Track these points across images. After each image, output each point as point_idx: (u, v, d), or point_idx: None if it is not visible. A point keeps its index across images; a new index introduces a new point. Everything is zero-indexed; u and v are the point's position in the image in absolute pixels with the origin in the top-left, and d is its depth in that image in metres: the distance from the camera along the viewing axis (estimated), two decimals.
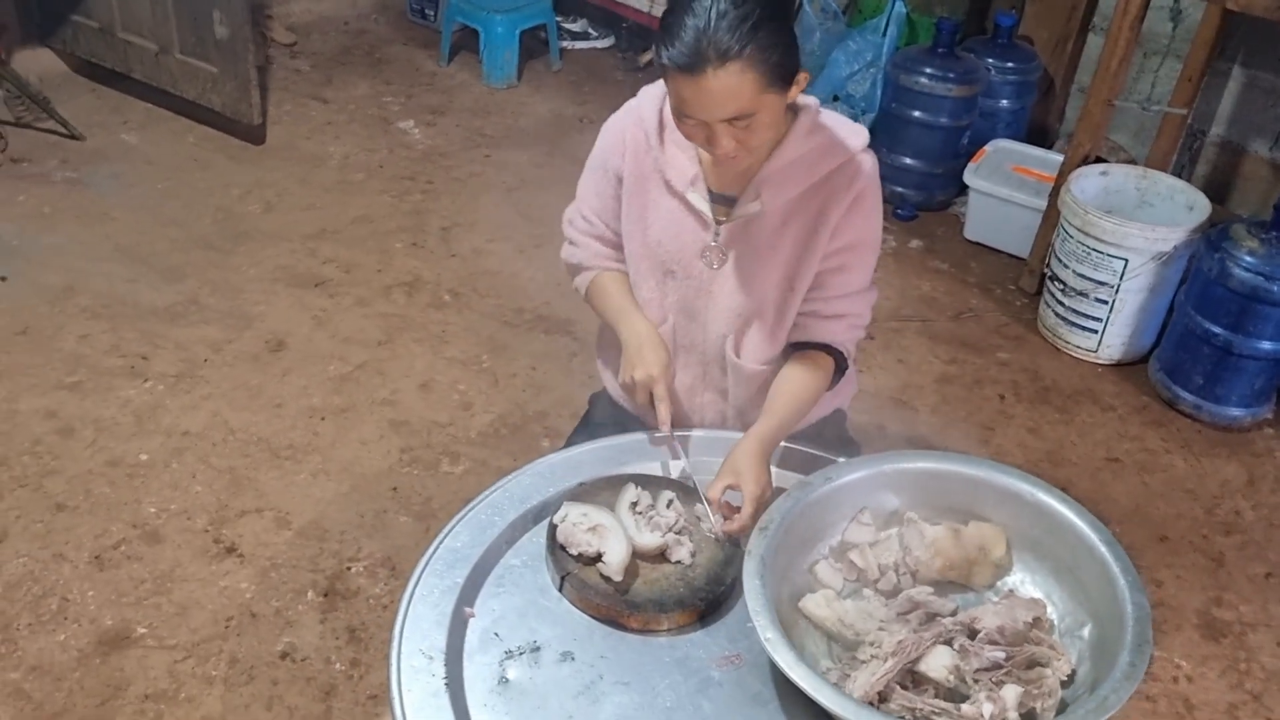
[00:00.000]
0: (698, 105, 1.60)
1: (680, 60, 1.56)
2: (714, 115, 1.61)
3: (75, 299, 3.27)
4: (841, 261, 1.85)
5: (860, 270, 1.88)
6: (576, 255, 1.98)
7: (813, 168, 1.78)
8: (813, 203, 1.80)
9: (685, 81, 1.58)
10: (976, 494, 1.77)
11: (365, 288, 3.45)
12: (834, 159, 1.78)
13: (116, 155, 4.04)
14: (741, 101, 1.59)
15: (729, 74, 1.56)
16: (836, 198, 1.79)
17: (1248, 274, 2.97)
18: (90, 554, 2.49)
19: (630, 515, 1.72)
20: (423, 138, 4.37)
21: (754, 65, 1.57)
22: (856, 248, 1.85)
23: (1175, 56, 3.94)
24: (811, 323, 1.89)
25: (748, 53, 1.56)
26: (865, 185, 1.81)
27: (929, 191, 4.11)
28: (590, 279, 1.98)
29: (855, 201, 1.80)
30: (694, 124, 1.64)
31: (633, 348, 1.87)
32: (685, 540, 1.71)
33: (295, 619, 2.38)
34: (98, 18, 4.23)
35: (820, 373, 1.88)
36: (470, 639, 1.59)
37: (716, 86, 1.57)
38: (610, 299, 1.94)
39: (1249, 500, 2.95)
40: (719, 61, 1.55)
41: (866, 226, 1.84)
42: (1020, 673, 1.55)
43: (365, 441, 2.87)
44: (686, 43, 1.55)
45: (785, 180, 1.78)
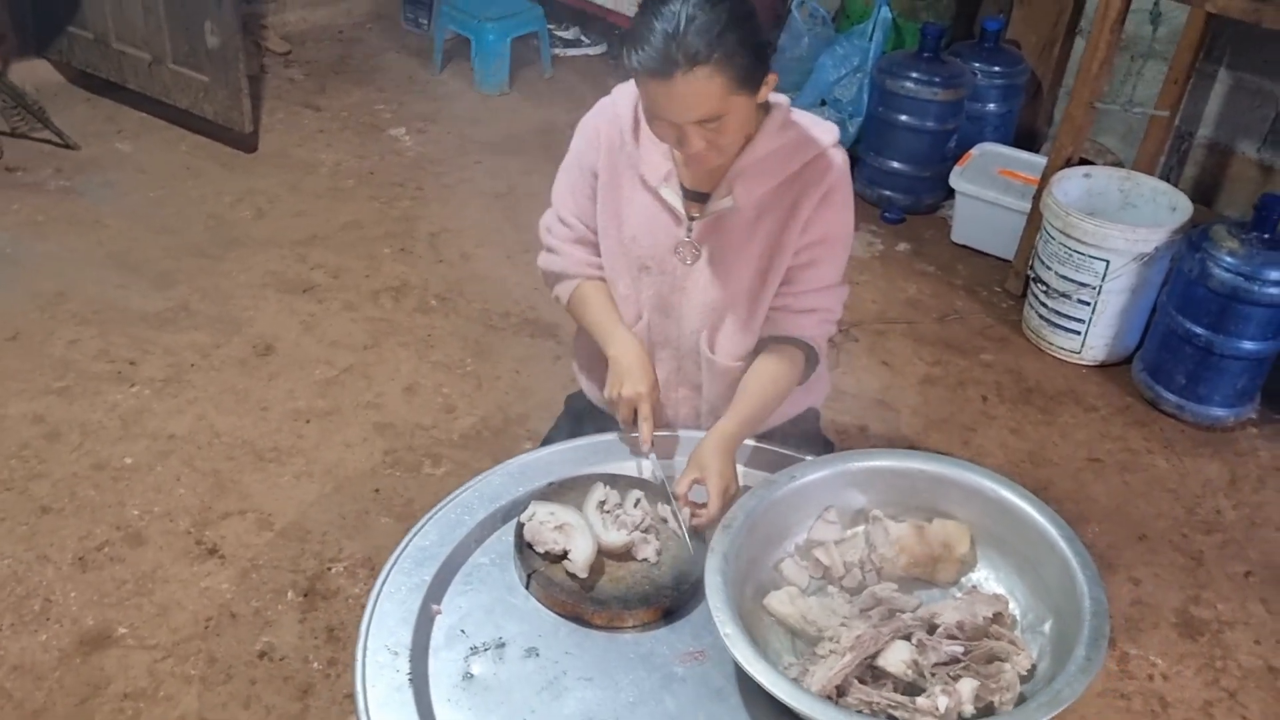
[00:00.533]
0: (668, 108, 1.63)
1: (650, 64, 1.59)
2: (684, 118, 1.64)
3: (66, 305, 3.31)
4: (812, 256, 1.87)
5: (831, 265, 1.91)
6: (557, 263, 1.99)
7: (784, 163, 1.81)
8: (784, 198, 1.82)
9: (655, 85, 1.61)
10: (941, 491, 1.79)
11: (353, 293, 3.48)
12: (805, 155, 1.81)
13: (110, 164, 4.08)
14: (711, 104, 1.62)
15: (698, 78, 1.59)
16: (807, 193, 1.82)
17: (1228, 274, 2.98)
18: (74, 555, 2.51)
19: (598, 514, 1.75)
20: (414, 145, 4.40)
21: (722, 69, 1.60)
22: (827, 242, 1.87)
23: (1161, 59, 3.95)
24: (783, 317, 1.91)
25: (716, 57, 1.58)
26: (835, 180, 1.83)
27: (916, 195, 4.13)
28: (572, 289, 1.99)
29: (826, 196, 1.83)
30: (665, 125, 1.67)
31: (622, 366, 1.89)
32: (651, 539, 1.73)
33: (275, 619, 2.40)
34: (93, 28, 4.28)
35: (790, 366, 1.90)
36: (436, 635, 1.61)
37: (686, 90, 1.60)
38: (594, 312, 1.96)
39: (1230, 499, 2.96)
40: (688, 66, 1.58)
41: (837, 221, 1.87)
42: (979, 667, 1.56)
43: (349, 444, 2.89)
44: (656, 47, 1.58)
45: (757, 176, 1.80)
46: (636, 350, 1.91)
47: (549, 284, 2.04)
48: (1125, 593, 2.65)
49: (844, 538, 1.77)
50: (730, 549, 1.61)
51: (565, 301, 2.01)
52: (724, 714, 1.54)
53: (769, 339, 1.92)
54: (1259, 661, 2.51)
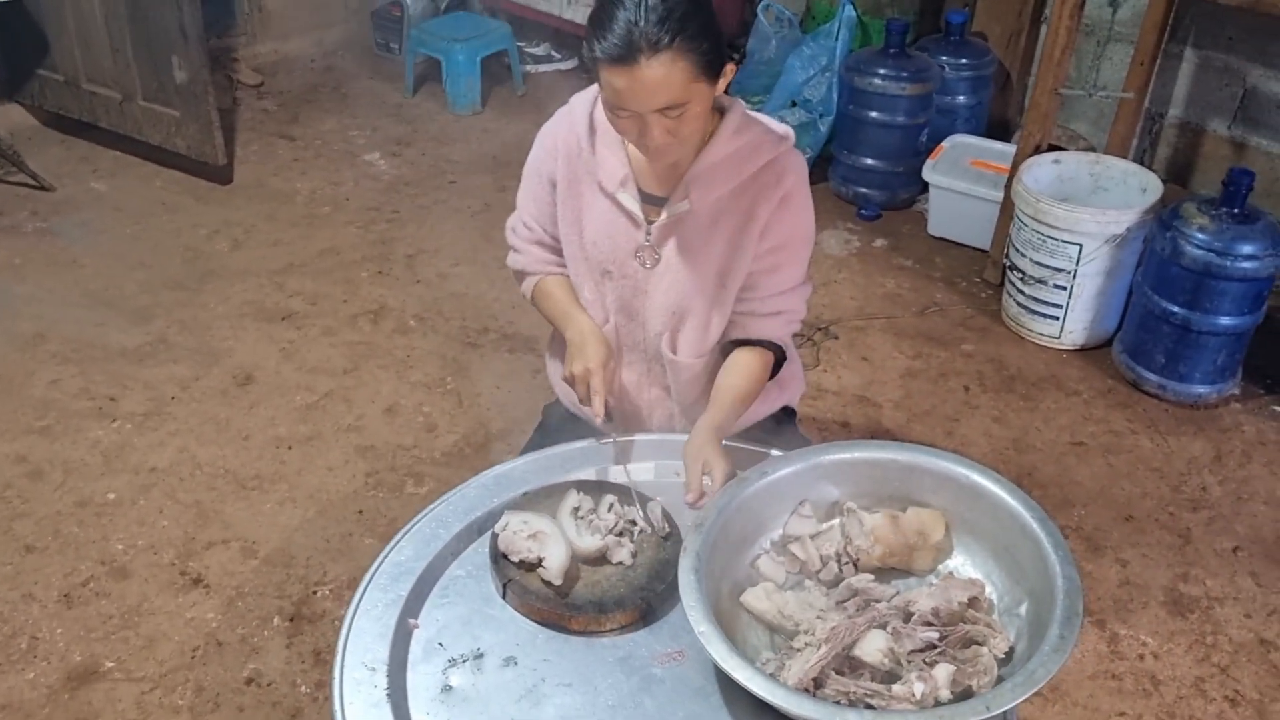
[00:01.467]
0: (631, 96, 1.64)
1: (613, 52, 1.61)
2: (647, 105, 1.64)
3: (45, 345, 3.31)
4: (775, 262, 1.88)
5: (792, 267, 1.92)
6: (520, 261, 2.04)
7: (740, 166, 1.81)
8: (741, 201, 1.83)
9: (618, 73, 1.62)
10: (914, 480, 1.78)
11: (331, 318, 3.49)
12: (761, 157, 1.82)
13: (86, 203, 4.09)
14: (673, 91, 1.63)
15: (661, 64, 1.60)
16: (765, 195, 1.82)
17: (1200, 251, 2.99)
18: (59, 593, 2.51)
19: (571, 520, 1.74)
20: (388, 168, 4.42)
21: (684, 54, 1.61)
22: (788, 246, 1.88)
23: (1126, 42, 3.96)
24: (748, 321, 1.92)
25: (678, 42, 1.60)
26: (793, 184, 1.84)
27: (891, 191, 4.14)
28: (534, 283, 2.03)
29: (784, 200, 1.84)
30: (627, 117, 1.68)
31: (575, 344, 1.91)
32: (625, 542, 1.73)
33: (261, 645, 2.40)
34: (62, 71, 4.29)
35: (761, 363, 1.93)
36: (414, 649, 1.61)
37: (649, 76, 1.61)
38: (554, 302, 1.99)
39: (1216, 476, 2.96)
40: (650, 51, 1.59)
41: (796, 224, 1.88)
42: (955, 652, 1.56)
43: (331, 468, 2.89)
44: (618, 34, 1.60)
45: (713, 179, 1.81)
46: (590, 327, 1.93)
47: (517, 281, 2.09)
48: (1113, 574, 2.65)
49: (819, 531, 1.77)
50: (704, 547, 1.60)
51: (529, 297, 2.05)
52: (704, 713, 1.53)
53: (735, 341, 1.93)
54: (1250, 635, 2.51)
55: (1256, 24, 3.70)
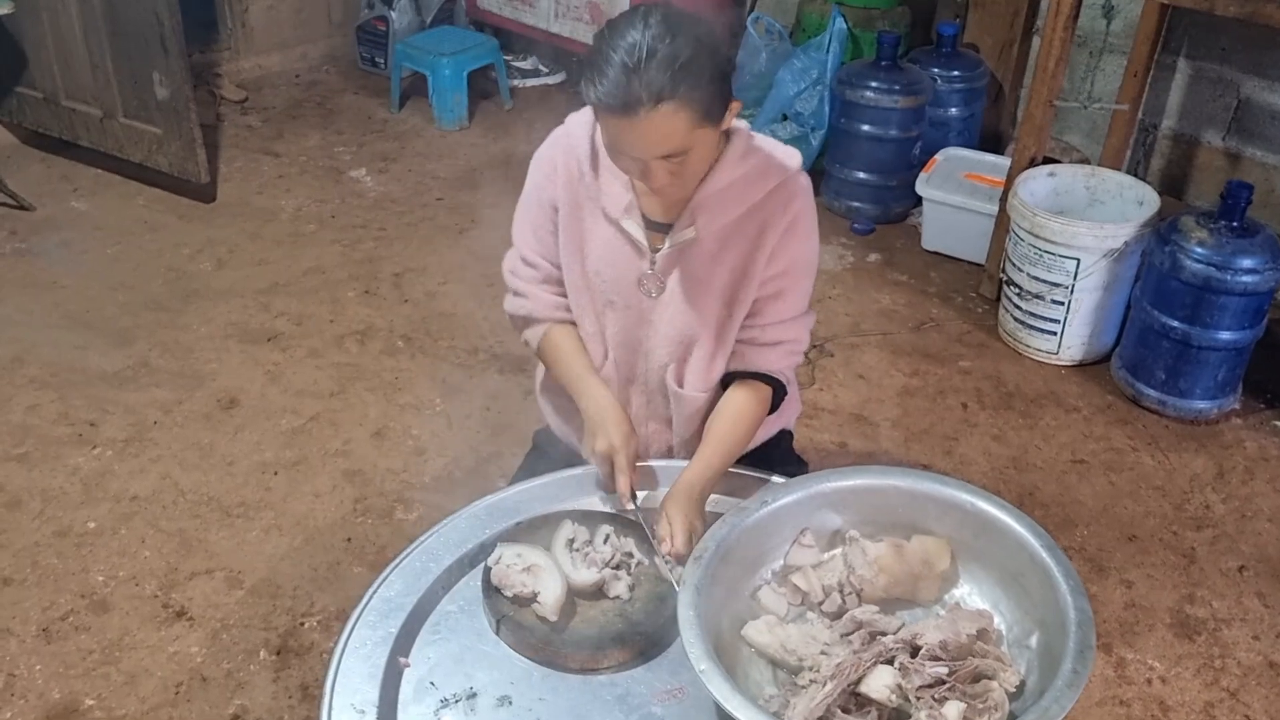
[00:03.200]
0: (630, 144, 1.58)
1: (610, 101, 1.53)
2: (647, 154, 1.59)
3: (23, 369, 3.24)
4: (779, 287, 1.82)
5: (796, 295, 1.85)
6: (525, 307, 1.92)
7: (746, 192, 1.76)
8: (748, 227, 1.77)
9: (616, 122, 1.56)
10: (918, 507, 1.74)
11: (317, 339, 3.42)
12: (767, 183, 1.76)
13: (66, 223, 4.02)
14: (675, 140, 1.57)
15: (662, 115, 1.53)
16: (773, 221, 1.77)
17: (1199, 265, 2.96)
18: (37, 627, 2.44)
19: (566, 552, 1.69)
20: (375, 185, 4.36)
21: (687, 105, 1.54)
22: (792, 272, 1.82)
23: (1120, 53, 3.94)
24: (749, 351, 1.86)
25: (680, 93, 1.53)
26: (800, 208, 1.79)
27: (885, 205, 4.11)
28: (541, 334, 1.92)
29: (791, 225, 1.78)
30: (627, 159, 1.62)
31: (595, 420, 1.81)
32: (623, 575, 1.67)
33: (247, 680, 2.33)
34: (41, 87, 4.23)
35: (757, 404, 1.86)
36: (405, 690, 1.56)
37: (650, 128, 1.54)
38: (565, 362, 1.89)
39: (1219, 493, 2.92)
40: (651, 103, 1.52)
41: (802, 250, 1.82)
42: (965, 687, 1.50)
43: (318, 494, 2.83)
44: (616, 83, 1.52)
45: (720, 206, 1.75)
46: (608, 401, 1.83)
47: (517, 329, 1.97)
48: (1118, 596, 2.60)
49: (821, 561, 1.72)
50: (703, 580, 1.56)
51: (535, 347, 1.94)
52: None
53: (736, 374, 1.86)
54: (1259, 658, 2.46)
55: (1250, 35, 3.68)
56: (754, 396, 1.85)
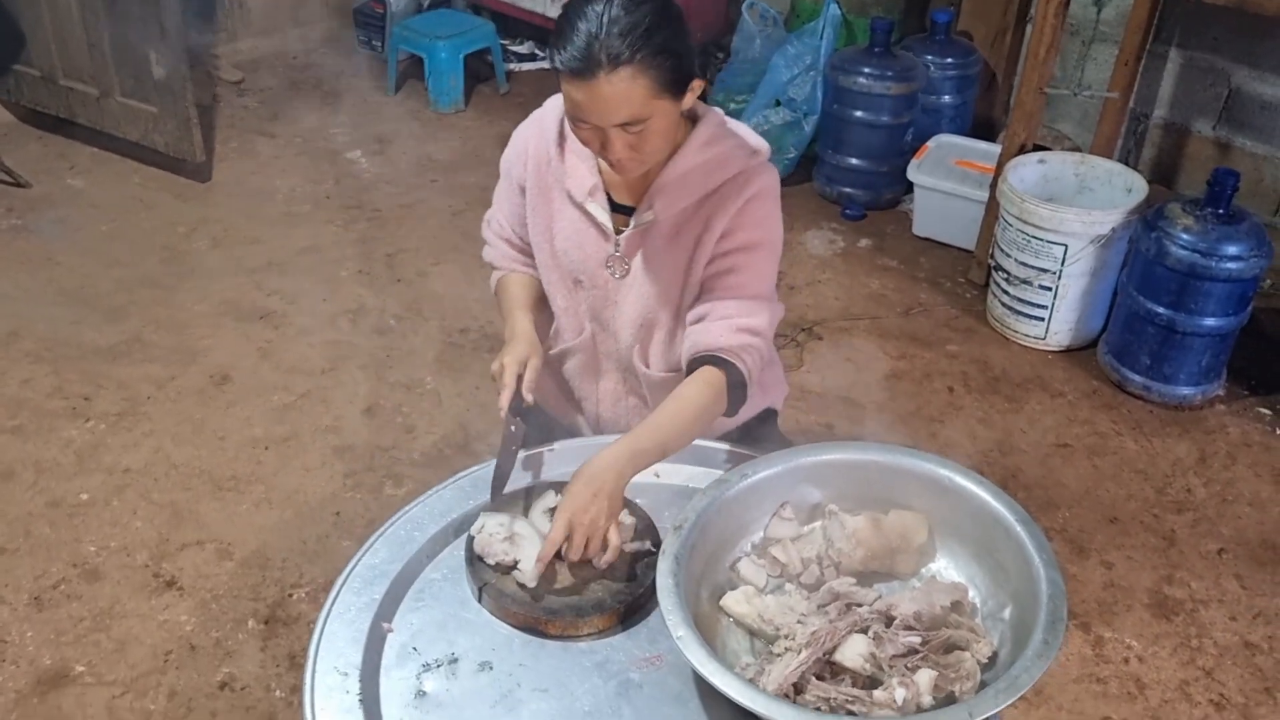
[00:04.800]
0: (590, 110, 1.60)
1: (572, 65, 1.56)
2: (606, 120, 1.61)
3: (18, 344, 3.27)
4: (730, 264, 1.79)
5: (750, 275, 1.80)
6: (490, 254, 2.03)
7: (706, 179, 1.76)
8: (703, 211, 1.78)
9: (577, 86, 1.58)
10: (896, 482, 1.76)
11: (310, 317, 3.45)
12: (725, 172, 1.76)
13: (62, 200, 4.04)
14: (633, 107, 1.59)
15: (620, 79, 1.56)
16: (726, 205, 1.76)
17: (1185, 252, 2.98)
18: (29, 595, 2.47)
19: (545, 519, 1.72)
20: (370, 166, 4.38)
21: (645, 71, 1.57)
22: (747, 249, 1.79)
23: (1112, 42, 3.96)
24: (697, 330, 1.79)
25: (639, 59, 1.55)
26: (758, 192, 1.77)
27: (876, 191, 4.13)
28: (498, 278, 2.01)
29: (745, 206, 1.77)
30: (588, 129, 1.64)
31: (507, 339, 1.88)
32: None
33: (235, 649, 2.37)
34: (39, 66, 4.24)
35: (709, 393, 1.77)
36: (388, 654, 1.58)
37: (608, 92, 1.57)
38: (505, 299, 1.97)
39: (1201, 478, 2.95)
40: (610, 67, 1.55)
41: (758, 230, 1.79)
42: (937, 657, 1.53)
43: (308, 469, 2.86)
44: (578, 47, 1.55)
45: (678, 190, 1.77)
46: (523, 328, 1.88)
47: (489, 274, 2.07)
48: (1098, 576, 2.63)
49: (801, 534, 1.74)
50: (682, 550, 1.58)
51: (493, 290, 2.04)
52: (683, 718, 1.50)
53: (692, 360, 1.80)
54: (1235, 638, 2.49)
55: (1241, 24, 3.69)
56: (707, 385, 1.77)
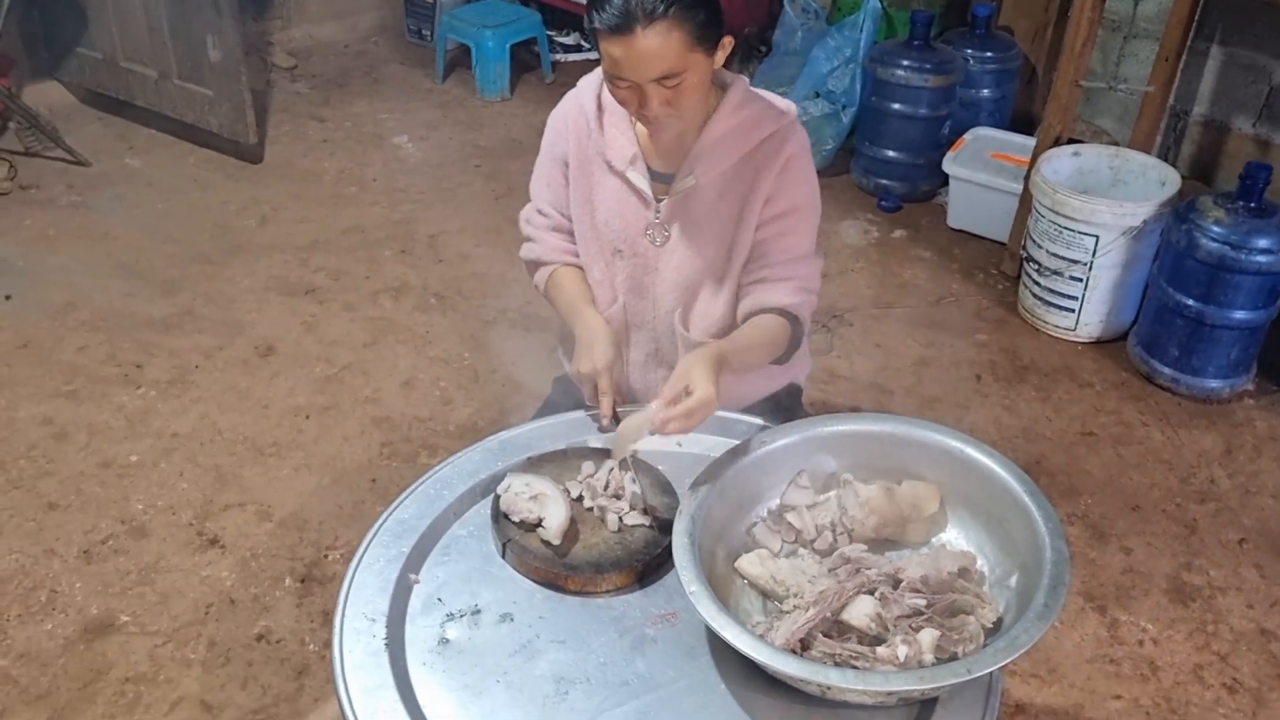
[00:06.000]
0: (628, 65, 1.67)
1: (610, 22, 1.65)
2: (644, 75, 1.68)
3: (75, 314, 3.40)
4: (780, 228, 1.89)
5: (800, 235, 1.92)
6: (535, 251, 2.05)
7: (743, 140, 1.85)
8: (744, 173, 1.86)
9: (615, 42, 1.66)
10: (910, 453, 1.80)
11: (353, 294, 3.55)
12: (761, 131, 1.85)
13: (120, 179, 4.18)
14: (669, 60, 1.67)
15: (657, 32, 1.64)
16: (766, 165, 1.85)
17: (1215, 244, 2.99)
18: (79, 549, 2.59)
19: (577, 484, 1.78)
20: (416, 151, 4.48)
21: (680, 24, 1.65)
22: (794, 212, 1.89)
23: (1153, 38, 3.95)
24: (760, 289, 1.91)
25: (674, 12, 1.64)
26: (793, 152, 1.87)
27: (912, 183, 4.15)
28: (549, 274, 2.04)
29: (784, 168, 1.86)
30: (626, 87, 1.71)
31: (584, 342, 1.91)
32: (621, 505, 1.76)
33: (272, 604, 2.46)
34: (101, 49, 4.38)
35: (779, 325, 1.89)
36: (413, 603, 1.64)
37: (646, 45, 1.65)
38: (565, 295, 2.00)
39: (1226, 469, 2.96)
40: (646, 20, 1.63)
41: (800, 192, 1.90)
42: (942, 620, 1.57)
43: (347, 437, 2.95)
44: (616, 4, 1.64)
45: (717, 154, 1.84)
46: (599, 326, 1.93)
47: (530, 273, 2.09)
48: (1117, 561, 2.66)
49: (816, 502, 1.79)
50: (699, 511, 1.63)
51: (543, 288, 2.06)
52: (694, 673, 1.55)
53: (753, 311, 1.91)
54: (1251, 625, 2.51)
55: None
56: (775, 321, 1.89)
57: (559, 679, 1.53)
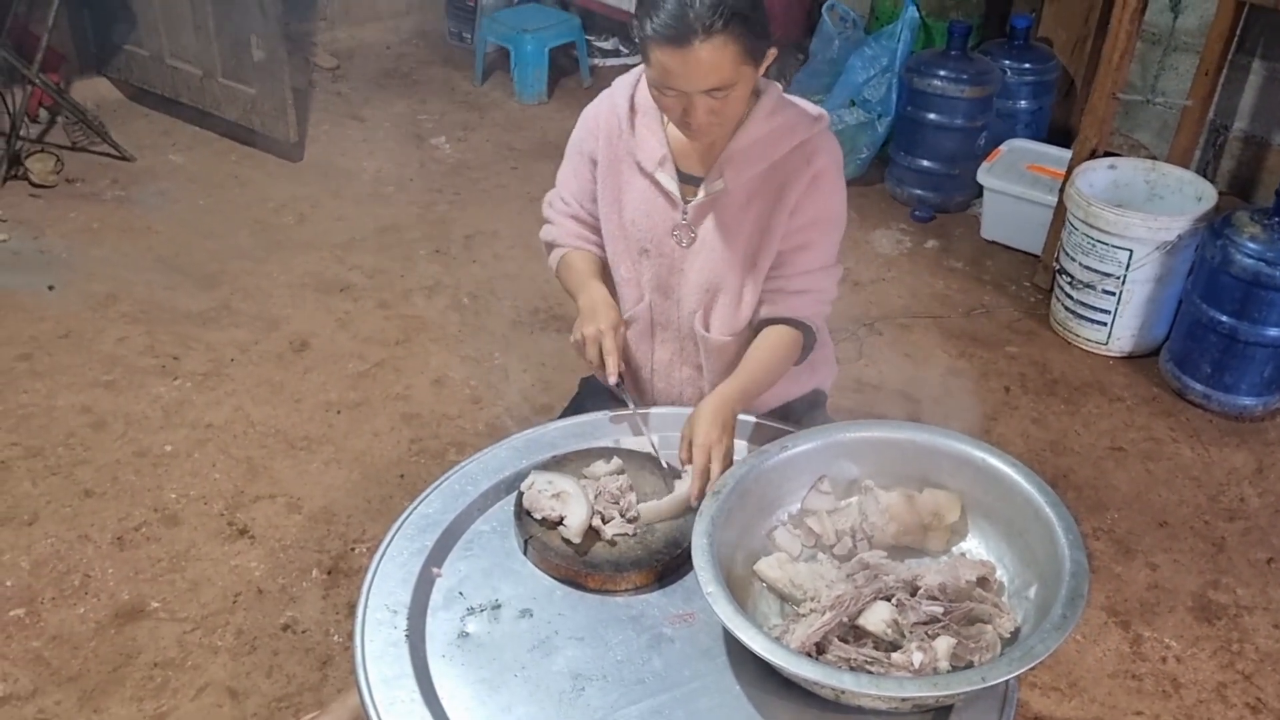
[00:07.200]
0: (681, 76, 1.68)
1: (666, 32, 1.65)
2: (695, 86, 1.69)
3: (116, 305, 3.46)
4: (804, 239, 1.92)
5: (823, 247, 1.95)
6: (552, 233, 2.10)
7: (773, 147, 1.86)
8: (772, 182, 1.87)
9: (670, 53, 1.66)
10: (932, 461, 1.80)
11: (388, 291, 3.60)
12: (793, 139, 1.86)
13: (163, 174, 4.25)
14: (723, 73, 1.68)
15: (713, 46, 1.65)
16: (796, 175, 1.86)
17: (1250, 260, 2.97)
18: (113, 535, 2.64)
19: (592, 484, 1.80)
20: (453, 152, 4.53)
21: (735, 38, 1.66)
22: (817, 224, 1.92)
23: (1193, 52, 3.92)
24: (779, 298, 1.95)
25: (731, 26, 1.65)
26: (824, 164, 1.88)
27: (947, 193, 4.15)
28: (561, 255, 2.08)
29: (814, 180, 1.87)
30: (673, 96, 1.72)
31: (586, 309, 1.94)
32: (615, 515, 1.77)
33: (299, 595, 2.50)
34: (148, 46, 4.47)
35: (790, 341, 1.95)
36: (435, 596, 1.67)
37: (701, 57, 1.65)
38: (573, 272, 2.04)
39: (1256, 488, 2.93)
40: (704, 34, 1.64)
41: (827, 205, 1.91)
42: (958, 627, 1.58)
43: (377, 433, 2.99)
44: (672, 14, 1.64)
45: (747, 159, 1.86)
46: (601, 294, 1.97)
47: (547, 253, 2.14)
48: (1142, 577, 2.64)
49: (837, 507, 1.80)
50: (719, 514, 1.64)
51: (555, 268, 2.11)
52: (710, 673, 1.57)
53: (767, 320, 1.96)
54: (1277, 645, 2.49)
55: None
56: (786, 336, 1.95)
57: (576, 675, 1.55)
